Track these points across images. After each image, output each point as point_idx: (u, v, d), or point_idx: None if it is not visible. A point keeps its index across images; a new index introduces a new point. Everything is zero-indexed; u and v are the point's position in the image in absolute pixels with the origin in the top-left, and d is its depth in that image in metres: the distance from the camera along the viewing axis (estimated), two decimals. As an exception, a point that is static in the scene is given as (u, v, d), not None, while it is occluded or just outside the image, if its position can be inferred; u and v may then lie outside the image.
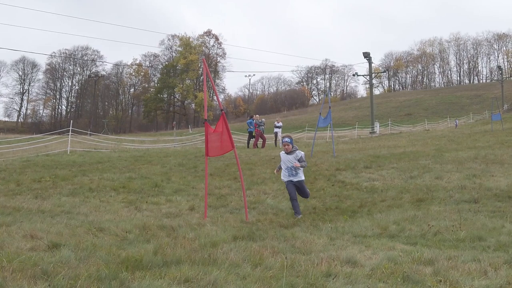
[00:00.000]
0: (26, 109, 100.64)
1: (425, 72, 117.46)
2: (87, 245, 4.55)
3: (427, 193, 8.58)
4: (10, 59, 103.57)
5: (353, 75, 69.26)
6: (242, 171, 8.60)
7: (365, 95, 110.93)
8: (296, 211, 7.21)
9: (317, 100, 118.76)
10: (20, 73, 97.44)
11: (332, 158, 14.76)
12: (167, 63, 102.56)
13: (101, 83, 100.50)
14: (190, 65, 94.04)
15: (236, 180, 10.37)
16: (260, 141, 22.12)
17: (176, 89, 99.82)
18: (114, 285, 3.36)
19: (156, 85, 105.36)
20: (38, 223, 5.84)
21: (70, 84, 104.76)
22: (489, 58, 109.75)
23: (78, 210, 7.23)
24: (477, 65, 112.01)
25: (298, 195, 7.46)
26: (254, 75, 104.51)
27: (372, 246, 4.90)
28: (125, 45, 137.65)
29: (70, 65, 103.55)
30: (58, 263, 3.83)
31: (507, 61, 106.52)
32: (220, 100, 30.55)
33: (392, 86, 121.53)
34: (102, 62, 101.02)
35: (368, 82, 56.89)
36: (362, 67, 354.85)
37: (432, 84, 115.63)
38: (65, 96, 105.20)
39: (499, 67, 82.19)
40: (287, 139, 7.45)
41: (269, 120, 41.10)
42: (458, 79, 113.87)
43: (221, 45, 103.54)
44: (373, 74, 47.34)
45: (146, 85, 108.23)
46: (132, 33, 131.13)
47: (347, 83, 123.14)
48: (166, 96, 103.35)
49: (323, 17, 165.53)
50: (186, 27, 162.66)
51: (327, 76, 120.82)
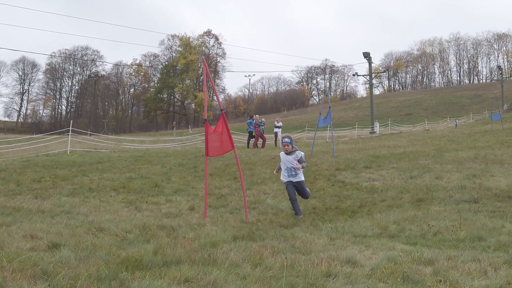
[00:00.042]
0: (26, 109, 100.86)
1: (425, 72, 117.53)
2: (87, 245, 4.55)
3: (427, 193, 8.58)
4: (10, 59, 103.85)
5: (353, 75, 69.24)
6: (242, 171, 8.60)
7: (365, 95, 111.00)
8: (297, 212, 7.17)
9: (317, 100, 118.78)
10: (20, 73, 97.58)
11: (332, 158, 14.76)
12: (167, 63, 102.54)
13: (101, 83, 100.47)
14: (190, 65, 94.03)
15: (236, 180, 10.37)
16: (260, 141, 22.12)
17: (176, 89, 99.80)
18: (114, 285, 3.36)
19: (156, 85, 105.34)
20: (38, 223, 5.84)
21: (70, 84, 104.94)
22: (489, 58, 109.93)
23: (78, 210, 7.24)
24: (477, 65, 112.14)
25: (298, 195, 7.43)
26: (254, 75, 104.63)
27: (372, 246, 4.90)
28: (125, 45, 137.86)
29: (70, 65, 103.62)
30: (58, 263, 3.83)
31: (507, 61, 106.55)
32: (220, 100, 30.50)
33: (392, 86, 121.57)
34: (102, 62, 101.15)
35: (368, 82, 56.89)
36: (362, 67, 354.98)
37: (432, 84, 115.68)
38: (65, 96, 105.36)
39: (499, 67, 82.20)
40: (286, 139, 7.38)
41: (269, 120, 41.09)
42: (458, 79, 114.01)
43: (221, 45, 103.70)
44: (373, 74, 47.33)
45: (146, 85, 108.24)
46: (132, 33, 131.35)
47: (347, 83, 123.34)
48: (166, 96, 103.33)
49: (323, 17, 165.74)
50: (186, 27, 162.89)
51: (327, 76, 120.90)
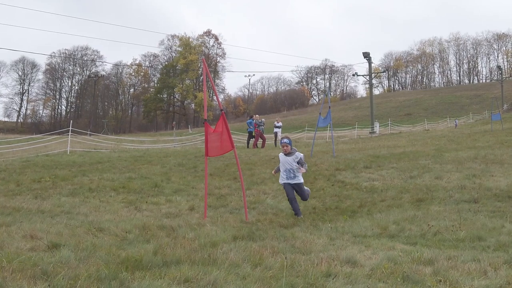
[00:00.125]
0: (26, 109, 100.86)
1: (424, 72, 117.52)
2: (87, 245, 4.55)
3: (427, 193, 8.58)
4: (9, 59, 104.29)
5: (353, 75, 69.21)
6: (242, 171, 8.60)
7: (364, 95, 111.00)
8: (296, 212, 7.14)
9: (317, 100, 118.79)
10: (20, 73, 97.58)
11: (332, 158, 14.76)
12: (166, 63, 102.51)
13: (101, 83, 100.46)
14: (190, 65, 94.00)
15: (236, 180, 10.37)
16: (260, 141, 22.12)
17: (175, 89, 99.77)
18: (114, 285, 3.36)
19: (155, 85, 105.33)
20: (38, 223, 5.84)
21: (69, 84, 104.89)
22: (488, 58, 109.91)
23: (78, 210, 7.23)
24: (477, 65, 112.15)
25: (297, 196, 7.36)
26: (253, 75, 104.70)
27: (372, 246, 4.91)
28: (125, 45, 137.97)
29: (69, 65, 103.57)
30: (58, 263, 3.83)
31: (507, 61, 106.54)
32: (220, 100, 30.50)
33: (392, 86, 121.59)
34: (102, 62, 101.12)
35: (368, 82, 56.92)
36: (362, 67, 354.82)
37: (432, 84, 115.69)
38: (64, 96, 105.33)
39: (498, 67, 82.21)
40: (285, 140, 7.26)
41: (269, 120, 41.05)
42: (458, 79, 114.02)
43: (220, 45, 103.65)
44: (373, 74, 47.33)
45: (146, 85, 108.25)
46: (132, 33, 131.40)
47: (347, 83, 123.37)
48: (165, 96, 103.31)
49: (323, 17, 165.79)
50: (186, 27, 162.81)
51: (326, 76, 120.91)
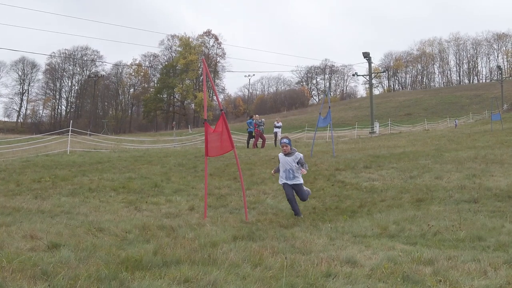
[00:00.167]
0: (26, 109, 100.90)
1: (424, 72, 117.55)
2: (87, 245, 4.55)
3: (427, 193, 8.58)
4: (9, 59, 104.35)
5: (353, 75, 69.29)
6: (242, 171, 8.60)
7: (364, 95, 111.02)
8: (296, 213, 7.12)
9: (317, 100, 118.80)
10: (20, 73, 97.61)
11: (331, 158, 14.76)
12: (166, 63, 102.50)
13: (101, 83, 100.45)
14: (190, 65, 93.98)
15: (235, 180, 10.37)
16: (260, 141, 22.13)
17: (175, 89, 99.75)
18: (114, 285, 3.36)
19: (155, 85, 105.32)
20: (37, 223, 5.84)
21: (69, 84, 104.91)
22: (488, 58, 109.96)
23: (78, 210, 7.23)
24: (476, 65, 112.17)
25: (296, 196, 7.30)
26: (253, 75, 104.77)
27: (372, 246, 4.91)
28: (125, 45, 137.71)
29: (69, 65, 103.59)
30: (58, 263, 3.83)
31: (507, 61, 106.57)
32: (220, 100, 30.52)
33: (392, 86, 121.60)
34: (102, 62, 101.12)
35: (368, 82, 56.94)
36: (361, 67, 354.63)
37: (432, 84, 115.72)
38: (64, 96, 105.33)
39: (498, 67, 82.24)
40: (285, 140, 7.21)
41: (268, 120, 41.06)
42: (458, 79, 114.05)
43: (220, 45, 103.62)
44: (372, 74, 47.33)
45: (146, 85, 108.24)
46: (132, 33, 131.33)
47: (347, 83, 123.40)
48: (165, 96, 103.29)
49: (322, 17, 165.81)
50: (186, 27, 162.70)
51: (326, 76, 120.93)
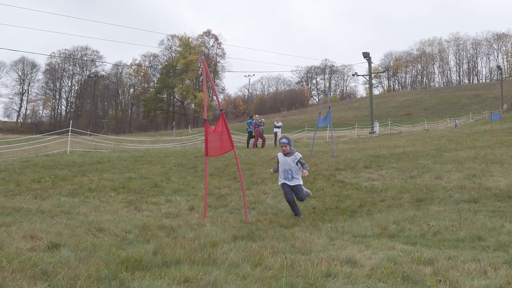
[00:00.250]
0: (26, 110, 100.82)
1: (424, 72, 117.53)
2: (87, 245, 4.55)
3: (426, 193, 8.58)
4: (9, 59, 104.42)
5: (353, 75, 69.31)
6: (242, 171, 8.60)
7: (364, 95, 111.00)
8: (296, 213, 7.12)
9: (317, 100, 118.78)
10: (20, 73, 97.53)
11: (331, 158, 14.76)
12: (166, 63, 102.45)
13: (101, 83, 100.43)
14: (190, 65, 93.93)
15: (235, 180, 10.37)
16: (260, 141, 22.13)
17: (175, 89, 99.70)
18: (114, 285, 3.36)
19: (155, 85, 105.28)
20: (37, 223, 5.84)
21: (69, 84, 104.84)
22: (488, 58, 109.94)
23: (77, 210, 7.23)
24: (476, 65, 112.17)
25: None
26: (253, 75, 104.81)
27: (371, 246, 4.91)
28: (124, 45, 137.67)
29: (69, 65, 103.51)
30: (58, 263, 3.83)
31: (507, 61, 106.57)
32: (220, 100, 30.55)
33: (392, 86, 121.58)
34: (102, 62, 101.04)
35: (368, 82, 56.93)
36: (361, 67, 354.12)
37: (432, 84, 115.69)
38: (64, 96, 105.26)
39: (498, 67, 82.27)
40: (284, 140, 7.17)
41: (268, 120, 41.05)
42: (458, 79, 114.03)
43: (220, 45, 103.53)
44: (372, 74, 47.33)
45: (146, 85, 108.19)
46: (132, 33, 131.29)
47: (347, 83, 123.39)
48: (165, 96, 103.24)
49: (322, 17, 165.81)
50: (185, 27, 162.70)
51: (326, 76, 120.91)
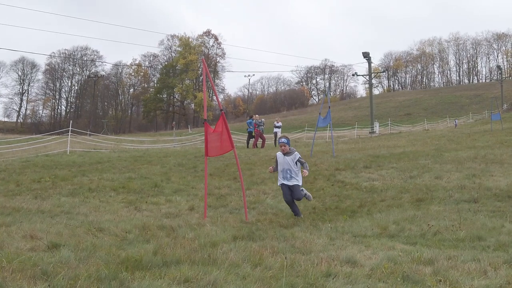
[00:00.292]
0: (26, 110, 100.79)
1: (424, 72, 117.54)
2: (87, 245, 4.55)
3: (426, 193, 8.58)
4: (9, 59, 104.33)
5: (353, 75, 69.32)
6: (242, 171, 8.60)
7: (364, 95, 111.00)
8: (296, 213, 7.12)
9: (317, 100, 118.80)
10: (20, 73, 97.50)
11: (331, 158, 14.76)
12: (166, 63, 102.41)
13: (101, 83, 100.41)
14: (190, 65, 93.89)
15: (235, 180, 10.37)
16: (260, 141, 22.13)
17: (175, 89, 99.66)
18: (114, 285, 3.36)
19: (155, 85, 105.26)
20: (37, 223, 5.84)
21: (69, 84, 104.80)
22: (488, 58, 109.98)
23: (77, 210, 7.23)
24: (476, 65, 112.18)
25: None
26: (253, 75, 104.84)
27: (371, 246, 4.91)
28: (124, 45, 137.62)
29: (69, 65, 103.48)
30: (58, 263, 3.83)
31: (507, 60, 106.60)
32: (220, 100, 30.56)
33: (392, 86, 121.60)
34: (102, 62, 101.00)
35: (368, 82, 56.95)
36: (361, 67, 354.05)
37: (432, 84, 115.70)
38: (64, 96, 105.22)
39: (498, 67, 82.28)
40: (283, 139, 7.17)
41: (268, 120, 41.03)
42: (458, 79, 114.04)
43: (220, 45, 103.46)
44: (372, 74, 47.34)
45: (146, 85, 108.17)
46: (132, 33, 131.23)
47: (347, 83, 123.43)
48: (165, 96, 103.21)
49: (322, 17, 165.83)
50: (185, 27, 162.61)
51: (326, 76, 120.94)
